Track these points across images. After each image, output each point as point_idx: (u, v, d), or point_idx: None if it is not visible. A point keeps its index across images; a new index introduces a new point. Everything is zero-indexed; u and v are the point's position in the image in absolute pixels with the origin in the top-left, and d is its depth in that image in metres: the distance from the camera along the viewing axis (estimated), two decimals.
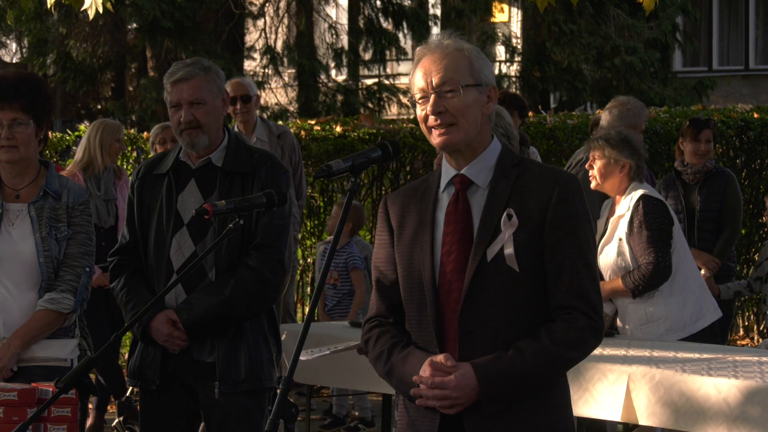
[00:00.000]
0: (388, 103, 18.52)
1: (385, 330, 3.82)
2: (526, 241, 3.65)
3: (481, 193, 3.73)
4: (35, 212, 5.03)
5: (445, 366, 3.62)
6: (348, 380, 6.77)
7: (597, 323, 3.70)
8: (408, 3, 18.52)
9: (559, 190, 3.67)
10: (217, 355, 5.09)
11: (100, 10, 7.07)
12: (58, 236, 5.03)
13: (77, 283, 5.02)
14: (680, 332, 6.56)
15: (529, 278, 3.66)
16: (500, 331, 3.65)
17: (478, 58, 3.74)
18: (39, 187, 5.07)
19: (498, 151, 3.78)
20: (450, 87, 3.70)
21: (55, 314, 4.98)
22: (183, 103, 5.14)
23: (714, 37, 23.00)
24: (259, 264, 5.08)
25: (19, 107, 4.97)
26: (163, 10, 16.72)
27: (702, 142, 8.78)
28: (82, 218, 5.09)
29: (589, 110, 18.07)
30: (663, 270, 6.51)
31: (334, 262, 9.32)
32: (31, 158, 5.08)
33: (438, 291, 3.70)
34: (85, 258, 5.06)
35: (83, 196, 5.13)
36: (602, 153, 6.63)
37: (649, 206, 6.56)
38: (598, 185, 6.68)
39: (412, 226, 3.78)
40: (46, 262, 5.00)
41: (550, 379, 3.70)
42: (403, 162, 11.50)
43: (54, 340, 5.02)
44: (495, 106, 3.85)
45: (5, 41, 23.45)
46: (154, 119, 16.62)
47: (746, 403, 5.16)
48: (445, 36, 3.78)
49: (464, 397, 3.61)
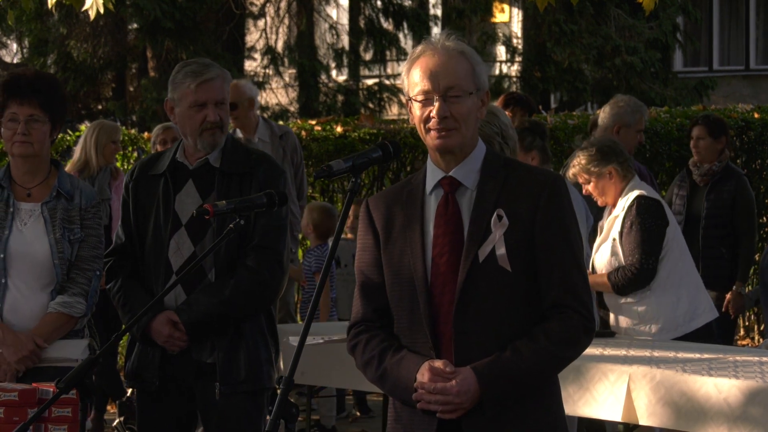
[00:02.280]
0: (389, 104, 18.52)
1: (373, 335, 3.81)
2: (517, 242, 3.67)
3: (469, 194, 3.75)
4: (48, 213, 5.04)
5: (444, 372, 3.62)
6: (348, 380, 6.76)
7: (590, 323, 3.73)
8: (408, 3, 18.52)
9: (548, 190, 3.71)
10: (217, 356, 5.09)
11: (100, 11, 7.07)
12: (72, 238, 5.04)
13: (89, 287, 5.04)
14: (673, 332, 6.56)
15: (521, 278, 3.68)
16: (495, 330, 3.66)
17: (478, 63, 3.77)
18: (51, 187, 5.08)
19: (483, 152, 3.80)
20: (456, 93, 3.71)
21: (67, 317, 4.99)
22: (210, 103, 5.12)
23: (714, 37, 22.99)
24: (257, 265, 5.08)
25: (37, 104, 5.00)
26: (163, 10, 16.71)
27: (693, 138, 8.72)
28: (94, 221, 5.11)
29: (590, 110, 18.06)
30: (645, 273, 6.53)
31: (305, 264, 9.36)
32: (44, 156, 5.10)
33: (431, 293, 3.70)
34: (96, 261, 5.08)
35: (95, 197, 5.15)
36: (585, 176, 6.70)
37: (643, 207, 6.58)
38: (604, 202, 6.74)
39: (398, 229, 3.78)
40: (61, 264, 5.01)
41: (547, 379, 3.74)
42: (403, 162, 11.51)
43: (66, 341, 5.03)
44: (491, 106, 3.87)
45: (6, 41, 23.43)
46: (154, 119, 16.61)
47: (747, 404, 5.16)
48: (446, 37, 3.77)
49: (466, 402, 3.62)
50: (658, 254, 6.56)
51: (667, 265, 6.59)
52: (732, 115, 12.30)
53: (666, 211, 6.70)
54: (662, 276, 6.58)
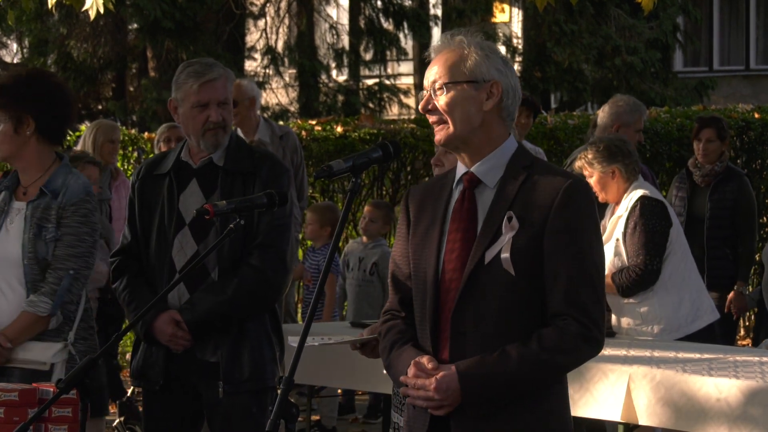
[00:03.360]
0: (389, 104, 18.51)
1: (393, 325, 3.81)
2: (525, 246, 3.58)
3: (489, 192, 3.67)
4: (30, 211, 5.02)
5: (426, 368, 3.60)
6: (348, 380, 6.76)
7: (591, 331, 3.58)
8: (409, 3, 18.51)
9: (561, 194, 3.59)
10: (221, 355, 5.09)
11: (100, 11, 7.07)
12: (47, 237, 4.99)
13: (58, 286, 4.97)
14: (675, 333, 6.56)
15: (525, 283, 3.59)
16: (492, 334, 3.59)
17: (479, 55, 3.67)
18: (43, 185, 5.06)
19: (512, 150, 3.70)
20: (438, 85, 3.67)
21: (34, 317, 4.96)
22: (212, 103, 5.13)
23: (715, 37, 22.99)
24: (261, 263, 5.08)
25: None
26: (163, 10, 16.71)
27: (702, 141, 8.71)
28: (73, 219, 5.02)
29: (590, 110, 18.06)
30: (649, 274, 6.53)
31: (309, 264, 9.34)
32: (26, 155, 5.05)
33: (439, 289, 3.67)
34: (71, 260, 5.00)
35: (78, 195, 5.05)
36: (589, 170, 6.69)
37: (646, 207, 6.57)
38: (604, 198, 6.73)
39: (426, 222, 3.75)
40: (31, 264, 4.97)
41: (538, 385, 3.62)
42: (403, 162, 11.51)
43: (37, 342, 4.99)
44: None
45: (6, 41, 23.43)
46: (154, 120, 16.62)
47: (747, 404, 5.16)
48: (454, 33, 3.73)
49: (448, 399, 3.58)
50: (662, 255, 6.56)
51: (670, 266, 6.59)
52: (732, 115, 12.31)
53: (669, 212, 6.69)
54: (665, 277, 6.58)
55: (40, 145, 5.07)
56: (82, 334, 5.11)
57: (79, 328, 5.10)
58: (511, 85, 3.71)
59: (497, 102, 3.68)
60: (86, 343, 5.11)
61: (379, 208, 9.22)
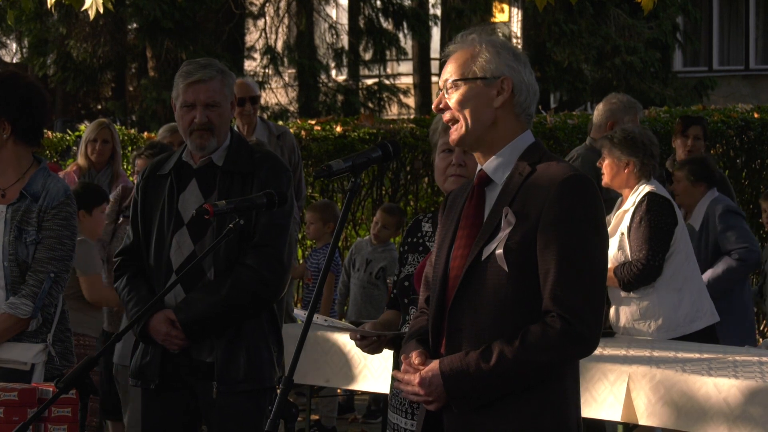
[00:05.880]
0: (389, 103, 18.52)
1: (416, 323, 3.84)
2: (520, 241, 3.54)
3: (497, 189, 3.65)
4: (11, 214, 5.01)
5: (413, 363, 3.62)
6: (348, 380, 6.76)
7: (575, 328, 3.49)
8: (408, 3, 18.52)
9: (555, 188, 3.53)
10: (216, 355, 5.08)
11: (100, 10, 7.07)
12: (27, 240, 4.99)
13: (39, 289, 4.97)
14: (672, 332, 6.56)
15: (519, 279, 3.55)
16: (487, 331, 3.57)
17: (490, 51, 3.64)
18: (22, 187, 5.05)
19: (525, 146, 3.67)
20: (450, 83, 3.66)
21: (14, 319, 4.95)
22: (198, 105, 5.12)
23: (714, 37, 23.00)
24: (257, 263, 5.07)
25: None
26: (163, 10, 16.72)
27: (690, 137, 8.71)
28: (54, 222, 5.00)
29: (590, 110, 18.06)
30: (651, 270, 6.53)
31: (311, 262, 9.34)
32: (0, 159, 5.03)
33: (446, 286, 3.68)
34: (51, 263, 4.99)
35: (59, 198, 5.02)
36: (608, 152, 6.67)
37: (653, 203, 6.57)
38: (607, 183, 6.70)
39: (447, 223, 3.77)
40: (11, 266, 4.97)
41: (520, 382, 3.55)
42: (403, 162, 11.51)
43: (17, 343, 4.99)
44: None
45: (5, 41, 23.44)
46: (154, 119, 16.64)
47: (747, 403, 5.16)
48: (469, 32, 3.71)
49: (432, 394, 3.58)
50: (666, 252, 6.56)
51: (673, 265, 6.59)
52: (732, 115, 12.30)
53: (676, 211, 6.69)
54: (667, 275, 6.58)
55: (17, 148, 5.05)
56: (59, 336, 5.10)
57: (57, 330, 5.09)
58: (524, 80, 3.66)
59: (508, 98, 3.65)
60: (63, 345, 5.10)
61: (393, 215, 9.15)
